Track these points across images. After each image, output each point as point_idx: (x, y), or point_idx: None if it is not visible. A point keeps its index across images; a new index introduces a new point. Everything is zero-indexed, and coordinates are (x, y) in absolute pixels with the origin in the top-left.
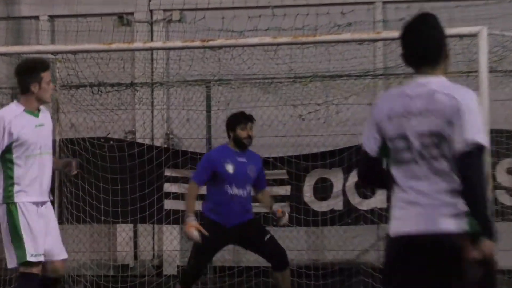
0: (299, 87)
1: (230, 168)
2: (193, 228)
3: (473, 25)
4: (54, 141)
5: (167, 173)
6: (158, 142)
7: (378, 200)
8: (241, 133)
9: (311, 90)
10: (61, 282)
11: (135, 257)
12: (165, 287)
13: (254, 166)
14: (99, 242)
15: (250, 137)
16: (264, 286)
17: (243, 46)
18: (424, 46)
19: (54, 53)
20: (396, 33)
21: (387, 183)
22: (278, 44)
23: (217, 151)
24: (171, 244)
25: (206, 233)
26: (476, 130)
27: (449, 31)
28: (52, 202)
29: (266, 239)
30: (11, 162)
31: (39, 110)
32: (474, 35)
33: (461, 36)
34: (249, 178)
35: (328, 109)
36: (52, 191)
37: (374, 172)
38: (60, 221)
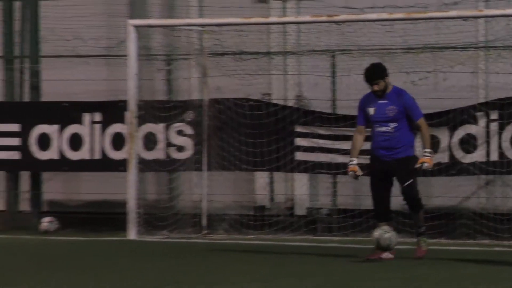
0: (411, 57)
1: (371, 110)
2: (350, 170)
3: None
4: (202, 100)
5: (298, 129)
6: (290, 103)
7: (479, 154)
8: (372, 88)
9: (422, 60)
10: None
11: (271, 199)
12: (295, 225)
13: (394, 106)
14: (241, 187)
15: (378, 91)
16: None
17: (363, 21)
18: None
19: (202, 25)
20: (496, 11)
21: None
22: (393, 20)
23: (364, 96)
24: (301, 189)
25: (360, 173)
26: None
27: None
28: (201, 152)
29: (406, 184)
30: None
31: None
32: None
33: None
34: (389, 117)
35: (437, 76)
36: (201, 143)
37: None
38: (209, 168)
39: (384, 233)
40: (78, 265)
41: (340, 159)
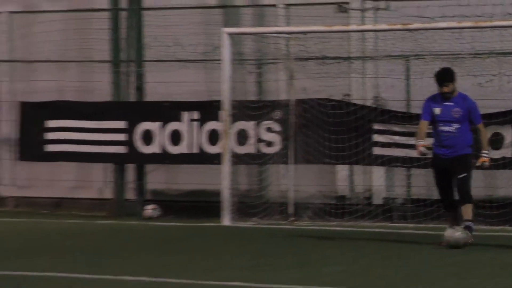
0: (478, 62)
1: (437, 110)
2: (420, 146)
3: None
4: (289, 100)
5: (375, 126)
6: (368, 103)
7: None
8: (440, 89)
9: (488, 64)
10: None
11: (351, 190)
12: (373, 213)
13: (459, 109)
14: (324, 179)
15: (447, 93)
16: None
17: (434, 29)
18: None
19: (289, 33)
20: None
21: None
22: (462, 28)
23: (430, 96)
24: (378, 181)
25: (430, 146)
26: None
27: None
28: (288, 147)
29: (460, 176)
30: None
31: None
32: None
33: None
34: (454, 118)
35: (501, 79)
36: (288, 139)
37: None
38: (295, 162)
39: (454, 232)
40: (177, 247)
41: (413, 153)
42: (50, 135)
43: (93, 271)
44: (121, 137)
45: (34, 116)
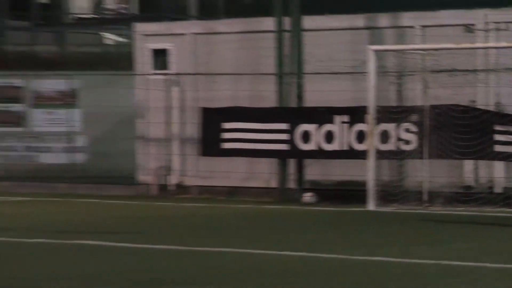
0: None
1: None
2: None
3: None
4: (424, 106)
5: (497, 128)
6: (490, 108)
7: None
8: None
9: None
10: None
11: (476, 180)
12: (494, 201)
13: None
14: (453, 171)
15: None
16: None
17: None
18: None
19: (424, 50)
20: None
21: None
22: None
23: None
24: (499, 173)
25: None
26: None
27: None
28: (423, 145)
29: None
30: None
31: None
32: None
33: None
34: None
35: None
36: (423, 138)
37: None
38: (429, 157)
39: None
40: (329, 228)
41: None
42: (226, 135)
43: (262, 247)
44: (284, 136)
45: (213, 119)
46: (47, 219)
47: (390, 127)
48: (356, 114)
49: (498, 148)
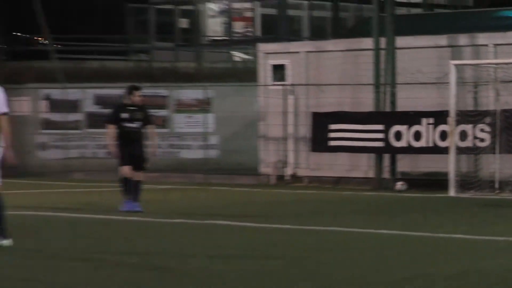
0: None
1: None
2: None
3: None
4: (496, 110)
5: None
6: None
7: None
8: None
9: None
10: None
11: None
12: None
13: None
14: None
15: None
16: None
17: None
18: None
19: (496, 63)
20: None
21: None
22: None
23: None
24: None
25: None
26: None
27: None
28: (495, 142)
29: None
30: None
31: None
32: None
33: None
34: None
35: None
36: (495, 136)
37: None
38: (500, 152)
39: None
40: (417, 210)
41: None
42: (332, 134)
43: (361, 226)
44: (380, 135)
45: (321, 122)
46: (187, 204)
47: (467, 127)
48: (439, 117)
49: None
